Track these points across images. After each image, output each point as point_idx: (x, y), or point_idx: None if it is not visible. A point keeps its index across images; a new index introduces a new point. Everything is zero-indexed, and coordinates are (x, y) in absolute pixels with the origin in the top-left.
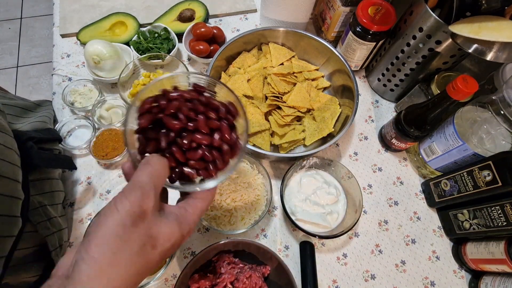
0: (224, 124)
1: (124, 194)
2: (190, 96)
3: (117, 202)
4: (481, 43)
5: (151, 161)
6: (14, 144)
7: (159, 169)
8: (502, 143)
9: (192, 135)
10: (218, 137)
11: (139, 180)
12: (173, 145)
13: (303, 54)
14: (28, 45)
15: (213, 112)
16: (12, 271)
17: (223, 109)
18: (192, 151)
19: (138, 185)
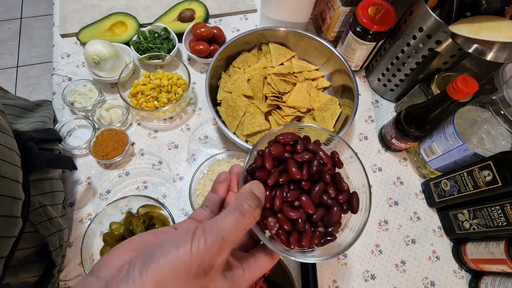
0: (336, 209)
1: (204, 234)
2: (327, 161)
3: (194, 238)
4: (481, 43)
5: (248, 213)
6: (14, 145)
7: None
8: (502, 143)
9: (299, 192)
10: (321, 216)
11: (224, 228)
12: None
13: (303, 54)
14: (28, 45)
15: (333, 190)
16: (12, 271)
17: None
18: (291, 208)
19: (221, 235)
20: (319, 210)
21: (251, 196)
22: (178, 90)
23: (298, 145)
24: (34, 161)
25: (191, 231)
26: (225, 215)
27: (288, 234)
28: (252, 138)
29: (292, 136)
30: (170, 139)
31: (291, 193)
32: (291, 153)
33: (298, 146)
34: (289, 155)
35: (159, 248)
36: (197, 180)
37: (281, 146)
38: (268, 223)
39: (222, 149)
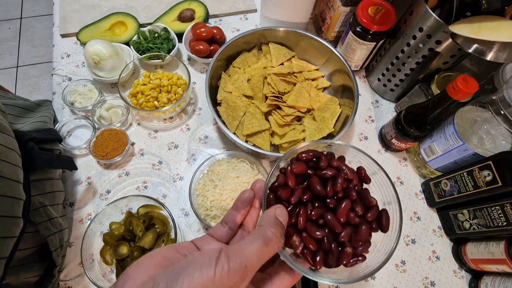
0: (364, 228)
1: (228, 260)
2: (351, 175)
3: (218, 264)
4: (481, 43)
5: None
6: (15, 145)
7: (270, 254)
8: (502, 143)
9: (324, 210)
10: (348, 235)
11: (247, 257)
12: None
13: (303, 54)
14: (28, 45)
15: (361, 207)
16: (13, 271)
17: (375, 213)
18: (315, 226)
19: (244, 264)
20: (346, 229)
21: (275, 223)
22: (178, 90)
23: (322, 162)
24: (35, 161)
25: (215, 255)
26: (249, 242)
27: (313, 254)
28: (252, 138)
29: (314, 152)
30: (170, 139)
31: (315, 211)
32: (314, 169)
33: (321, 163)
34: (313, 172)
35: (183, 270)
36: (197, 180)
37: (303, 163)
38: (293, 242)
39: (222, 149)
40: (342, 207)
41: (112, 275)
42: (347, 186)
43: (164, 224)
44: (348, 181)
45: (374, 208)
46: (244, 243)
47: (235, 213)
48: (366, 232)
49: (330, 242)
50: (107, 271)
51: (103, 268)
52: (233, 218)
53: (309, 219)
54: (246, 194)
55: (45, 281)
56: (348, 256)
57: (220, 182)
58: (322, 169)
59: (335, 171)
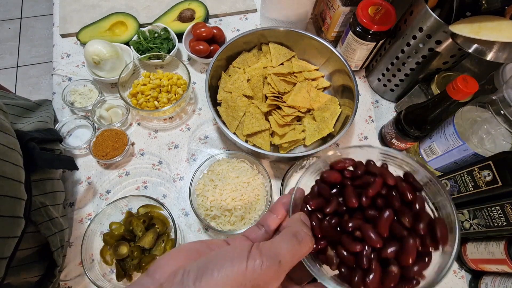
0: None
1: (261, 255)
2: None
3: (250, 259)
4: (481, 43)
5: (301, 238)
6: (17, 145)
7: (303, 252)
8: (502, 143)
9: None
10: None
11: (281, 252)
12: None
13: (303, 54)
14: (28, 45)
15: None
16: (14, 271)
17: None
18: (351, 240)
19: (278, 259)
20: (391, 244)
21: (304, 225)
22: (178, 90)
23: (358, 169)
24: (36, 161)
25: (247, 249)
26: (280, 239)
27: (351, 270)
28: (252, 138)
29: (350, 161)
30: (170, 139)
31: (352, 222)
32: (351, 179)
33: (358, 170)
34: (349, 181)
35: (214, 261)
36: (197, 180)
37: (337, 172)
38: (328, 256)
39: (222, 149)
40: (384, 218)
41: (112, 275)
42: (388, 193)
43: (164, 224)
44: (389, 188)
45: (426, 217)
46: (276, 240)
47: (273, 216)
48: (413, 246)
49: (368, 258)
50: (107, 271)
51: (103, 268)
52: (271, 221)
53: (345, 231)
54: (285, 199)
55: (45, 281)
56: (394, 277)
57: (220, 182)
58: (358, 177)
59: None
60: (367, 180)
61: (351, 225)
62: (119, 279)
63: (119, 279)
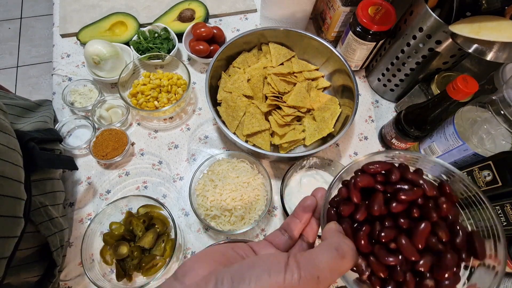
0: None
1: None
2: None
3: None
4: (481, 43)
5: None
6: (17, 145)
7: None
8: (502, 143)
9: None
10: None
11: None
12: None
13: (303, 54)
14: (28, 45)
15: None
16: (13, 271)
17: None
18: (384, 251)
19: (316, 275)
20: (425, 257)
21: (345, 237)
22: (178, 90)
23: (393, 174)
24: (35, 161)
25: (284, 260)
26: (320, 252)
27: (383, 283)
28: (252, 138)
29: (383, 165)
30: (170, 139)
31: (386, 232)
32: (384, 184)
33: (392, 176)
34: (381, 186)
35: (250, 270)
36: (197, 180)
37: (369, 176)
38: (359, 266)
39: (222, 149)
40: (420, 230)
41: (112, 275)
42: (424, 204)
43: (164, 224)
44: (426, 198)
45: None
46: (315, 252)
47: (296, 221)
48: (452, 261)
49: (404, 271)
50: (107, 271)
51: (103, 268)
52: (294, 226)
53: (378, 241)
54: (309, 201)
55: (45, 281)
56: None
57: (220, 182)
58: (393, 183)
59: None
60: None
61: (384, 235)
62: (119, 279)
63: (119, 279)
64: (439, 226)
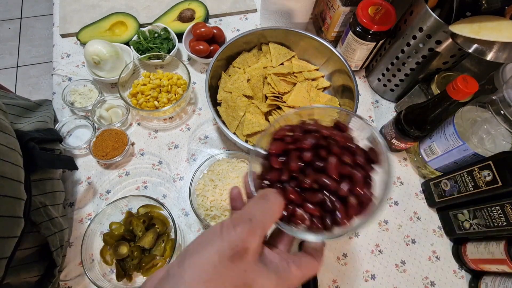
0: (358, 174)
1: (232, 223)
2: (329, 133)
3: (223, 228)
4: (481, 43)
5: (268, 197)
6: (17, 145)
7: (274, 208)
8: (502, 143)
9: (317, 175)
10: (347, 187)
11: (250, 212)
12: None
13: (303, 54)
14: (28, 45)
15: (348, 156)
16: (13, 271)
17: (362, 155)
18: (312, 193)
19: (248, 218)
20: (342, 183)
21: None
22: (178, 90)
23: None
24: (35, 161)
25: (219, 225)
26: (250, 203)
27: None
28: (252, 138)
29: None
30: (170, 139)
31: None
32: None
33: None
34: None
35: (192, 245)
36: (197, 180)
37: (279, 141)
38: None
39: (222, 149)
40: (330, 164)
41: (112, 275)
42: (327, 143)
43: (164, 224)
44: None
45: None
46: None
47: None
48: (360, 176)
49: (332, 201)
50: (107, 271)
51: (103, 268)
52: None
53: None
54: (235, 190)
55: (45, 281)
56: (355, 207)
57: (220, 182)
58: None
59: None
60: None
61: (307, 182)
62: (119, 279)
63: (119, 279)
64: (343, 154)
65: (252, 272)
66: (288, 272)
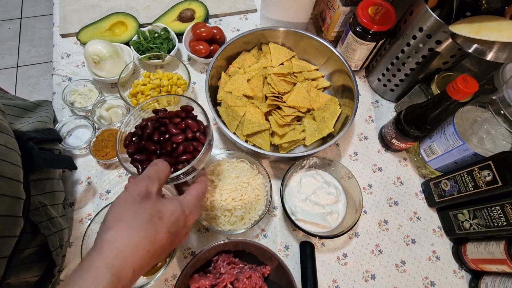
0: (189, 120)
1: (134, 181)
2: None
3: (128, 187)
4: (481, 43)
5: (157, 162)
6: (15, 145)
7: (162, 167)
8: (502, 143)
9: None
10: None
11: (147, 172)
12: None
13: (303, 54)
14: (28, 45)
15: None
16: (13, 271)
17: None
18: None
19: (146, 175)
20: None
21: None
22: (178, 90)
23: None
24: (34, 161)
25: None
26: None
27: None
28: (252, 138)
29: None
30: None
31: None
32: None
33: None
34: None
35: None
36: None
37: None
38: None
39: (222, 149)
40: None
41: None
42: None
43: None
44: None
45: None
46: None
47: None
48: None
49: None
50: None
51: None
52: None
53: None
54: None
55: (45, 281)
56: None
57: (220, 182)
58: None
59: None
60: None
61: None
62: None
63: None
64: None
65: (160, 203)
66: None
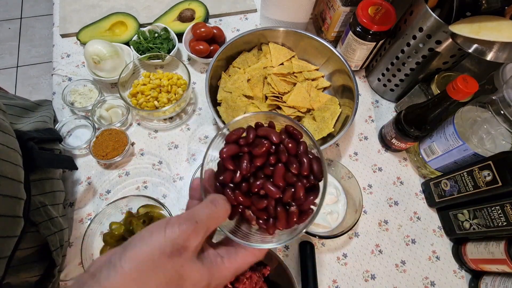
0: (300, 184)
1: (178, 220)
2: (279, 139)
3: (168, 225)
4: (481, 43)
5: (216, 202)
6: (16, 145)
7: (220, 214)
8: (502, 143)
9: (265, 181)
10: (289, 195)
11: (197, 214)
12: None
13: (303, 54)
14: (28, 45)
15: (295, 165)
16: (13, 271)
17: (307, 165)
18: (259, 198)
19: (194, 220)
20: (286, 191)
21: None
22: (178, 90)
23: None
24: (35, 161)
25: (165, 221)
26: (199, 206)
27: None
28: None
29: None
30: (170, 139)
31: (253, 185)
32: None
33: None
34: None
35: (136, 237)
36: None
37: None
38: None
39: None
40: (277, 171)
41: None
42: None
43: None
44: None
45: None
46: (194, 207)
47: (194, 202)
48: (300, 188)
49: (274, 207)
50: None
51: None
52: (191, 206)
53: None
54: (195, 182)
55: (45, 281)
56: (295, 214)
57: None
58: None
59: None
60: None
61: (255, 186)
62: None
63: None
64: (291, 163)
65: (188, 267)
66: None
